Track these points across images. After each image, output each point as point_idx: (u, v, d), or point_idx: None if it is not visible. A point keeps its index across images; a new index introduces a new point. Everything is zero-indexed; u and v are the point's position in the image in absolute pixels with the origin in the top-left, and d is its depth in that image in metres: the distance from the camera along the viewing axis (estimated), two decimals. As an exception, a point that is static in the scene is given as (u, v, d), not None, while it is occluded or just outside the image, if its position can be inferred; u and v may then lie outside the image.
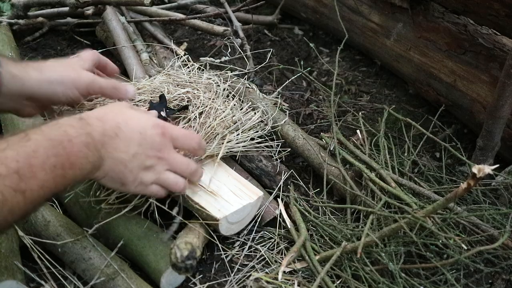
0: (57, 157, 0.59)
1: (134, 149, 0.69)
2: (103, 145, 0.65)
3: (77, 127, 0.63)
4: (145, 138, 0.70)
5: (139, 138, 0.69)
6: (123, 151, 0.68)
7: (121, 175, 0.69)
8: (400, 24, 1.20)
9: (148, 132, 0.70)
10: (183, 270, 0.70)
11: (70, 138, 0.61)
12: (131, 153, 0.69)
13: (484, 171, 0.57)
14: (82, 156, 0.62)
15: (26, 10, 1.41)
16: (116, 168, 0.68)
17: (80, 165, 0.62)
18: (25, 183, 0.55)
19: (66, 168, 0.60)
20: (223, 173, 0.87)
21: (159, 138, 0.71)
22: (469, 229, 0.80)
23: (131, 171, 0.70)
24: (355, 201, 0.89)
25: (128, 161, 0.69)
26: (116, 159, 0.67)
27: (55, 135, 0.60)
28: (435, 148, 1.09)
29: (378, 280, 0.72)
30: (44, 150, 0.58)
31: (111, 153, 0.66)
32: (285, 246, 0.85)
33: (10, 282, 0.70)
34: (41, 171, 0.57)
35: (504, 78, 0.85)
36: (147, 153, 0.70)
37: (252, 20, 1.47)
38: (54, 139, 0.60)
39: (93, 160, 0.64)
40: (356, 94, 1.30)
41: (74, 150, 0.61)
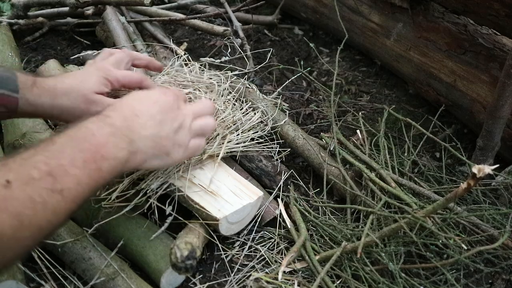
0: (85, 152, 0.59)
1: (158, 118, 0.70)
2: (129, 128, 0.66)
3: (97, 121, 0.64)
4: (161, 104, 0.71)
5: (157, 107, 0.71)
6: (149, 125, 0.69)
7: (161, 147, 0.70)
8: (400, 24, 1.20)
9: (161, 98, 0.72)
10: (183, 270, 0.70)
11: (93, 132, 0.62)
12: (157, 122, 0.70)
13: (484, 171, 0.57)
14: (112, 145, 0.63)
15: (26, 10, 1.41)
16: (152, 144, 0.69)
17: (113, 154, 0.62)
18: (60, 183, 0.55)
19: (98, 160, 0.60)
20: (223, 173, 0.87)
21: (172, 98, 0.73)
22: (469, 229, 0.80)
23: (167, 138, 0.71)
24: (355, 201, 0.89)
25: (159, 132, 0.70)
26: (148, 136, 0.68)
27: (76, 134, 0.61)
28: (435, 148, 1.09)
29: (378, 280, 0.72)
30: (71, 149, 0.59)
31: (139, 133, 0.67)
32: (285, 246, 0.85)
33: (10, 282, 0.70)
34: (73, 168, 0.57)
35: (504, 78, 0.85)
36: (170, 115, 0.72)
37: (252, 20, 1.47)
38: (79, 137, 0.61)
39: (125, 146, 0.65)
40: (356, 94, 1.30)
41: (101, 141, 0.62)
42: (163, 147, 0.71)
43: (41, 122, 1.01)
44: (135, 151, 0.66)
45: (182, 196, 0.81)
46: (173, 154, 0.72)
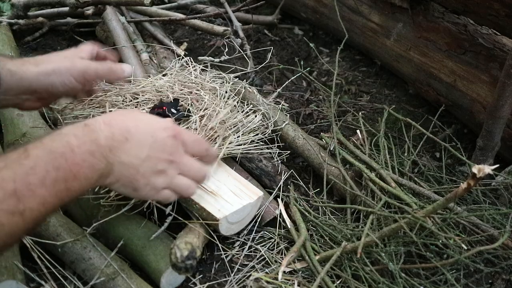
0: (58, 171, 0.56)
1: (145, 152, 0.66)
2: (111, 150, 0.63)
3: (81, 136, 0.60)
4: (156, 141, 0.67)
5: (151, 141, 0.67)
6: (133, 155, 0.65)
7: (133, 180, 0.67)
8: (400, 24, 1.20)
9: (159, 135, 0.68)
10: (183, 270, 0.70)
11: (72, 148, 0.58)
12: (143, 156, 0.66)
13: (484, 171, 0.57)
14: (87, 166, 0.60)
15: (26, 10, 1.41)
16: (127, 173, 0.66)
17: (85, 175, 0.59)
18: (23, 203, 0.53)
19: (70, 180, 0.57)
20: (223, 173, 0.87)
21: (171, 141, 0.69)
22: (469, 229, 0.80)
23: (143, 175, 0.67)
24: (355, 201, 0.89)
25: (139, 165, 0.66)
26: (127, 164, 0.65)
27: (56, 147, 0.58)
28: (435, 148, 1.09)
29: (378, 280, 0.72)
30: (44, 165, 0.55)
31: (121, 158, 0.64)
32: (285, 246, 0.85)
33: (10, 282, 0.70)
34: (41, 188, 0.55)
35: (504, 78, 0.85)
36: (159, 156, 0.68)
37: (252, 20, 1.47)
38: (55, 151, 0.57)
39: (100, 168, 0.62)
40: (356, 94, 1.30)
41: (77, 160, 0.58)
42: (135, 182, 0.67)
43: (41, 122, 1.01)
44: (108, 173, 0.63)
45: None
46: (140, 192, 0.68)
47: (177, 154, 0.70)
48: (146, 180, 0.68)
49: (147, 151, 0.66)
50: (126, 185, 0.67)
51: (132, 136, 0.65)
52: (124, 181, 0.66)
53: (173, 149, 0.70)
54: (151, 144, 0.67)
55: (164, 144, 0.68)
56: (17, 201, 0.52)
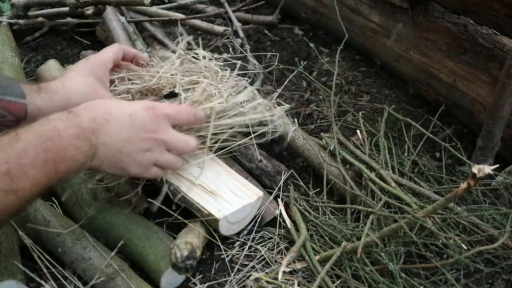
0: (47, 153, 0.59)
1: (127, 132, 0.68)
2: (94, 132, 0.65)
3: (65, 120, 0.63)
4: (136, 119, 0.69)
5: (130, 120, 0.69)
6: (115, 136, 0.67)
7: (118, 160, 0.69)
8: (400, 24, 1.20)
9: (138, 114, 0.70)
10: (183, 270, 0.70)
11: (59, 131, 0.61)
12: (124, 137, 0.68)
13: (484, 171, 0.57)
14: (73, 148, 0.62)
15: (26, 10, 1.41)
16: (111, 154, 0.68)
17: (72, 157, 0.62)
18: (16, 183, 0.56)
19: (58, 162, 0.60)
20: (223, 173, 0.87)
21: (151, 118, 0.70)
22: (469, 229, 0.80)
23: (128, 154, 0.69)
24: (355, 201, 0.89)
25: (122, 146, 0.68)
26: (110, 145, 0.67)
27: (44, 131, 0.61)
28: (435, 148, 1.09)
29: (378, 280, 0.72)
30: (34, 148, 0.59)
31: (103, 139, 0.66)
32: (285, 246, 0.85)
33: (10, 282, 0.70)
34: (32, 169, 0.58)
35: (504, 78, 0.85)
36: (141, 135, 0.70)
37: (252, 20, 1.47)
38: (44, 135, 0.60)
39: (86, 150, 0.64)
40: (356, 94, 1.29)
41: (63, 143, 0.61)
42: (121, 162, 0.69)
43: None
44: (93, 155, 0.66)
45: (182, 196, 0.81)
46: (129, 170, 0.71)
47: (161, 130, 0.72)
48: (132, 159, 0.70)
49: (128, 131, 0.69)
50: (113, 166, 0.70)
51: (112, 117, 0.68)
52: (109, 161, 0.69)
53: (155, 126, 0.71)
54: (132, 124, 0.69)
55: (145, 121, 0.70)
56: (11, 180, 0.56)
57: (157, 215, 0.85)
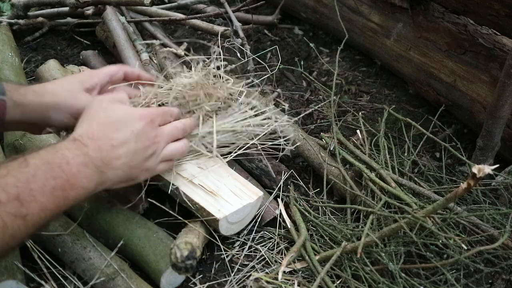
0: (56, 180, 0.60)
1: (132, 147, 0.70)
2: (102, 160, 0.67)
3: (73, 149, 0.64)
4: (138, 133, 0.71)
5: (133, 136, 0.71)
6: (123, 156, 0.69)
7: (129, 174, 0.72)
8: (400, 24, 1.20)
9: (138, 126, 0.72)
10: (183, 270, 0.70)
11: (68, 160, 0.62)
12: (131, 152, 0.70)
13: (484, 171, 0.57)
14: (83, 176, 0.64)
15: (26, 10, 1.41)
16: (121, 173, 0.70)
17: (82, 184, 0.64)
18: (26, 208, 0.56)
19: (67, 189, 0.61)
20: (223, 173, 0.87)
21: (149, 127, 0.73)
22: (469, 229, 0.80)
23: (137, 166, 0.72)
24: (355, 201, 0.89)
25: (131, 161, 0.71)
26: (119, 167, 0.69)
27: (52, 159, 0.61)
28: (435, 148, 1.09)
29: (378, 280, 0.72)
30: (43, 174, 0.59)
31: (111, 164, 0.68)
32: (285, 246, 0.85)
33: (10, 282, 0.70)
34: (41, 195, 0.58)
35: (504, 78, 0.85)
36: (145, 144, 0.72)
37: (252, 20, 1.47)
38: (52, 162, 0.61)
39: (95, 178, 0.66)
40: (356, 94, 1.29)
41: (73, 171, 0.62)
42: (131, 175, 0.72)
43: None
44: (103, 182, 0.68)
45: (183, 196, 0.81)
46: (139, 178, 0.74)
47: (158, 133, 0.75)
48: (141, 168, 0.73)
49: (134, 145, 0.71)
50: (125, 181, 0.72)
51: (117, 141, 0.69)
52: (121, 179, 0.71)
53: (154, 132, 0.74)
54: (135, 138, 0.71)
55: (145, 131, 0.73)
56: (20, 205, 0.56)
57: (157, 215, 0.85)
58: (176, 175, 0.83)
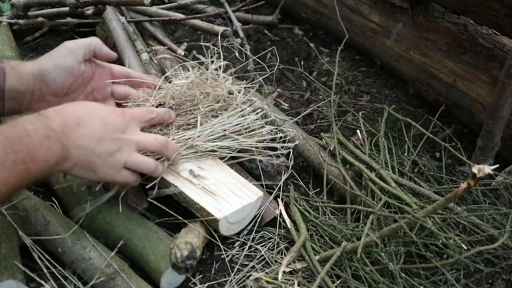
0: (17, 153, 0.60)
1: (98, 134, 0.70)
2: (65, 134, 0.67)
3: (35, 122, 0.65)
4: (107, 122, 0.72)
5: (101, 123, 0.71)
6: (87, 138, 0.69)
7: (90, 162, 0.71)
8: (400, 24, 1.20)
9: (108, 117, 0.72)
10: (183, 270, 0.70)
11: (28, 133, 0.62)
12: (95, 138, 0.70)
13: (484, 171, 0.57)
14: (44, 148, 0.63)
15: (26, 10, 1.41)
16: (83, 156, 0.69)
17: (43, 157, 0.63)
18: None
19: (29, 162, 0.61)
20: (223, 173, 0.87)
21: (120, 119, 0.74)
22: (469, 229, 0.80)
23: (100, 155, 0.71)
24: (355, 201, 0.89)
25: (94, 147, 0.70)
26: (81, 147, 0.69)
27: (13, 133, 0.62)
28: (435, 148, 1.09)
29: (378, 280, 0.72)
30: (3, 149, 0.59)
31: (75, 141, 0.68)
32: (285, 246, 0.85)
33: (10, 282, 0.70)
34: (2, 169, 0.58)
35: (504, 78, 0.85)
36: (111, 136, 0.72)
37: (252, 20, 1.47)
38: (13, 136, 0.61)
39: (57, 150, 0.65)
40: (356, 94, 1.29)
41: (34, 143, 0.62)
42: (92, 163, 0.71)
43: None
44: (65, 156, 0.67)
45: (182, 196, 0.81)
46: (100, 173, 0.72)
47: (129, 131, 0.75)
48: (103, 161, 0.72)
49: (99, 133, 0.71)
50: (85, 168, 0.71)
51: (83, 121, 0.69)
52: (82, 164, 0.70)
53: (124, 127, 0.74)
54: (102, 126, 0.71)
55: (114, 123, 0.73)
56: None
57: (157, 215, 0.85)
58: (176, 175, 0.83)
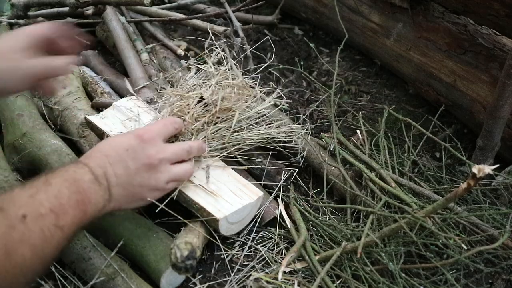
0: (77, 194, 0.63)
1: (131, 166, 0.71)
2: (105, 176, 0.68)
3: (79, 168, 0.67)
4: (135, 151, 0.72)
5: (129, 154, 0.72)
6: (122, 174, 0.70)
7: (134, 194, 0.72)
8: (400, 24, 1.20)
9: (133, 145, 0.73)
10: (183, 270, 0.70)
11: (80, 177, 0.65)
12: (130, 171, 0.71)
13: (484, 171, 0.57)
14: (94, 192, 0.66)
15: (26, 10, 1.41)
16: (125, 191, 0.71)
17: (95, 199, 0.66)
18: (61, 219, 0.60)
19: (86, 203, 0.64)
20: (223, 173, 0.87)
21: (144, 144, 0.74)
22: (469, 229, 0.80)
23: (140, 185, 0.72)
24: (355, 201, 0.89)
25: (132, 180, 0.71)
26: (120, 185, 0.70)
27: (68, 176, 0.65)
28: (435, 148, 1.09)
29: (378, 280, 0.72)
30: (66, 190, 0.62)
31: (113, 181, 0.69)
32: (285, 246, 0.85)
33: (10, 282, 0.70)
34: (70, 208, 0.61)
35: (504, 78, 0.85)
36: (144, 162, 0.72)
37: (252, 20, 1.47)
38: (69, 180, 0.64)
39: (102, 194, 0.68)
40: (356, 94, 1.29)
41: (85, 186, 0.65)
42: (137, 194, 0.72)
43: (40, 122, 1.01)
44: (109, 198, 0.69)
45: (183, 196, 0.81)
46: (148, 197, 0.74)
47: (159, 150, 0.75)
48: (146, 187, 0.73)
49: (132, 165, 0.71)
50: (132, 201, 0.73)
51: (114, 159, 0.70)
52: (127, 199, 0.72)
53: (153, 149, 0.74)
54: (133, 157, 0.72)
55: (142, 149, 0.73)
56: (56, 217, 0.59)
57: (157, 215, 0.85)
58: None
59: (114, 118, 0.93)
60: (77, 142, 1.00)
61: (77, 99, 1.09)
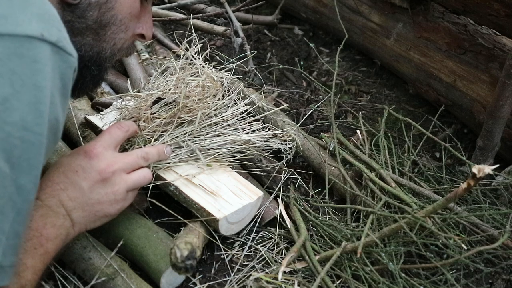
0: (32, 240, 0.62)
1: (84, 185, 0.70)
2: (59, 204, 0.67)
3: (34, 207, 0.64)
4: (84, 170, 0.70)
5: (78, 175, 0.70)
6: (78, 195, 0.69)
7: (95, 212, 0.71)
8: (400, 24, 1.20)
9: (82, 164, 0.71)
10: (183, 270, 0.70)
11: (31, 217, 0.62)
12: (84, 191, 0.69)
13: (484, 171, 0.57)
14: (50, 226, 0.64)
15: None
16: (85, 212, 0.70)
17: (54, 234, 0.64)
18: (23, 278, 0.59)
19: (44, 243, 0.63)
20: (223, 173, 0.87)
21: (93, 160, 0.71)
22: (469, 229, 0.80)
23: (99, 202, 0.71)
24: (355, 201, 0.89)
25: (88, 199, 0.70)
26: (78, 207, 0.69)
27: None
28: (435, 148, 1.09)
29: (378, 280, 0.72)
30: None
31: (69, 206, 0.68)
32: (285, 246, 0.85)
33: (10, 282, 0.70)
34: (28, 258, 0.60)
35: (504, 78, 0.85)
36: (97, 179, 0.71)
37: (252, 20, 1.47)
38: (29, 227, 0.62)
39: (63, 221, 0.66)
40: (356, 94, 1.29)
41: (39, 224, 0.63)
42: (98, 212, 0.71)
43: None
44: (72, 223, 0.68)
45: (183, 196, 0.81)
46: (111, 212, 0.73)
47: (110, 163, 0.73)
48: (106, 203, 0.72)
49: (84, 183, 0.70)
50: (95, 219, 0.72)
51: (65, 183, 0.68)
52: (89, 219, 0.71)
53: (103, 163, 0.72)
54: (82, 175, 0.70)
55: (90, 165, 0.71)
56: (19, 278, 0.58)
57: (157, 215, 0.85)
58: (176, 175, 0.83)
59: (114, 118, 0.93)
60: (77, 142, 1.00)
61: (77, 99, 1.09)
